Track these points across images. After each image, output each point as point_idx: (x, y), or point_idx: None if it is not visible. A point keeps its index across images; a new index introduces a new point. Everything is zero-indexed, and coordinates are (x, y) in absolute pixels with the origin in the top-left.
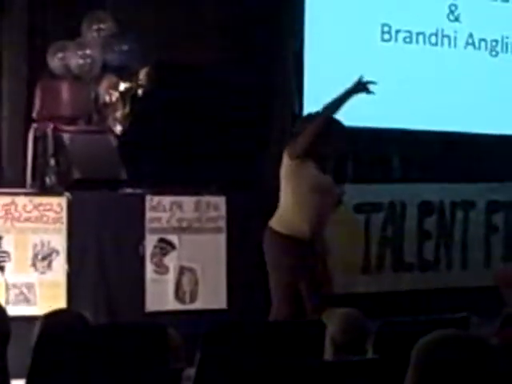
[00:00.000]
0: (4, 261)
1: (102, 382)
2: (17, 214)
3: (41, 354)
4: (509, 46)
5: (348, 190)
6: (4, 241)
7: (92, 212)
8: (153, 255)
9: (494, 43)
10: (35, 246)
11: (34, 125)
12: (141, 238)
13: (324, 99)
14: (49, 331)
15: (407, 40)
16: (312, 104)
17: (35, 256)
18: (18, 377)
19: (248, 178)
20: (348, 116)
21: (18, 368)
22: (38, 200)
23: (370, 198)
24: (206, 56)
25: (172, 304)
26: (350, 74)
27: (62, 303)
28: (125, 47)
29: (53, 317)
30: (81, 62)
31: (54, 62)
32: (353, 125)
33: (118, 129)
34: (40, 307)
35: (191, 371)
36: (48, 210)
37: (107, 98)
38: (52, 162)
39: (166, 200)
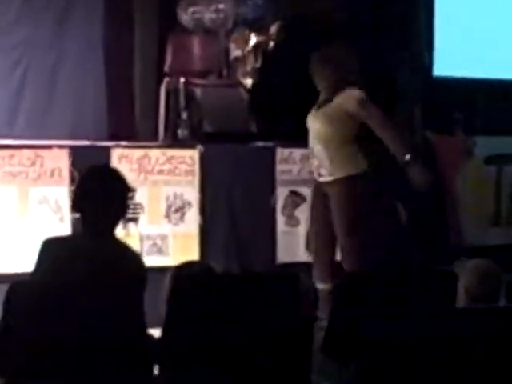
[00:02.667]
0: (138, 213)
1: (233, 331)
2: (150, 167)
3: (174, 305)
4: None
5: (479, 142)
6: (138, 193)
7: (223, 165)
8: (284, 207)
9: None
10: (168, 198)
11: (166, 79)
12: (271, 191)
13: (453, 52)
14: (180, 282)
15: None
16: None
17: (168, 208)
18: (150, 326)
19: None
20: (481, 67)
21: (151, 317)
22: (170, 153)
23: (501, 149)
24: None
25: (303, 256)
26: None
27: (194, 255)
28: (258, 1)
29: (184, 268)
30: (213, 16)
31: (186, 16)
32: (484, 76)
33: (249, 82)
34: (173, 258)
35: (324, 322)
36: (180, 163)
37: (238, 52)
38: (184, 115)
39: (297, 153)
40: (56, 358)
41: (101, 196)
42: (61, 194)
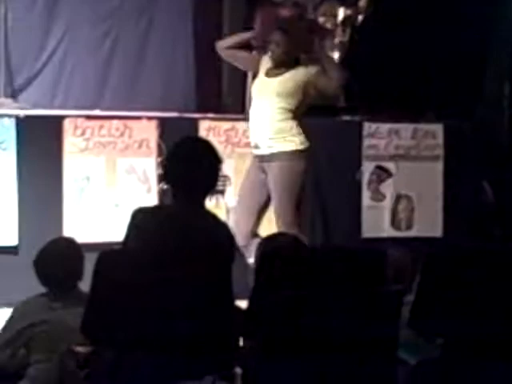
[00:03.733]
0: (225, 185)
1: (319, 303)
2: (237, 140)
3: (262, 276)
4: None
5: None
6: (224, 165)
7: (310, 138)
8: (369, 182)
9: None
10: None
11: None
12: (358, 165)
13: None
14: (268, 254)
15: None
16: None
17: None
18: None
19: (465, 106)
20: None
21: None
22: None
23: None
24: None
25: (388, 231)
26: None
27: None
28: None
29: (271, 240)
30: None
31: None
32: None
33: (336, 56)
34: (262, 230)
35: (411, 297)
36: None
37: (327, 25)
38: None
39: (384, 127)
40: (144, 327)
41: (193, 167)
42: (148, 165)
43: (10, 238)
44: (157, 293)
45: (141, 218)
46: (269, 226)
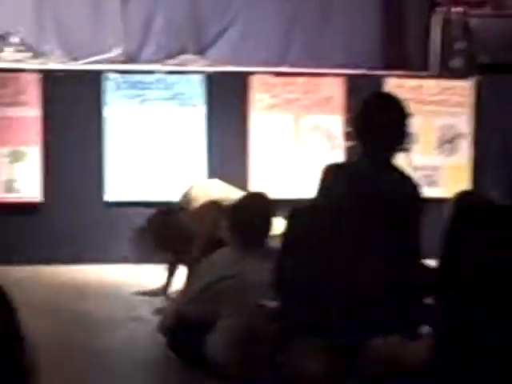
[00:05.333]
0: (411, 143)
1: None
2: (423, 97)
3: (454, 237)
4: None
5: None
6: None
7: (499, 96)
8: None
9: None
10: (440, 129)
11: (438, 9)
12: None
13: None
14: (459, 212)
15: None
16: None
17: (440, 139)
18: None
19: None
20: None
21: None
22: (443, 84)
23: None
24: None
25: None
26: None
27: (466, 186)
28: None
29: (461, 199)
30: None
31: None
32: None
33: None
34: (445, 189)
35: None
36: (453, 94)
37: None
38: (457, 45)
39: None
40: (334, 282)
41: (382, 122)
42: (333, 122)
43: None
44: (347, 247)
45: (331, 174)
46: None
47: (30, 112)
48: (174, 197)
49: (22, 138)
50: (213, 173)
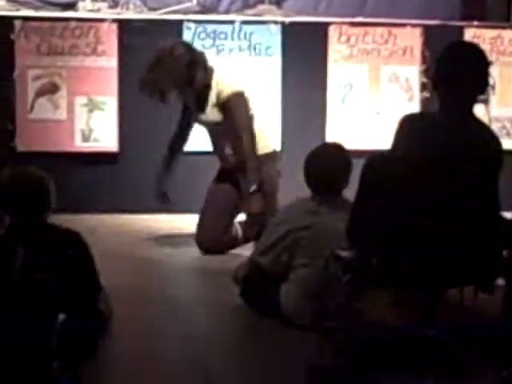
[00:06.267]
0: (489, 94)
1: None
2: (502, 48)
3: None
4: None
5: None
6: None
7: None
8: None
9: None
10: None
11: None
12: None
13: None
14: None
15: None
16: None
17: None
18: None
19: None
20: None
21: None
22: None
23: None
24: None
25: None
26: None
27: None
28: None
29: None
30: None
31: None
32: None
33: None
34: None
35: None
36: None
37: None
38: None
39: None
40: (408, 233)
41: (463, 70)
42: (411, 73)
43: (274, 143)
44: (425, 197)
45: (409, 125)
46: None
47: (108, 62)
48: None
49: (99, 87)
50: (288, 124)
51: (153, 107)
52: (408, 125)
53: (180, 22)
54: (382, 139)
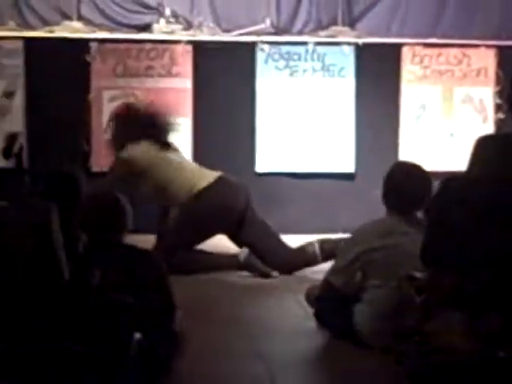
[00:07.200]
0: None
1: None
2: None
3: None
4: None
5: None
6: None
7: None
8: None
9: None
10: None
11: None
12: None
13: None
14: None
15: None
16: None
17: None
18: None
19: None
20: None
21: None
22: None
23: None
24: None
25: None
26: None
27: None
28: None
29: None
30: None
31: None
32: None
33: None
34: None
35: None
36: None
37: None
38: None
39: None
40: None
41: None
42: (485, 94)
43: (348, 165)
44: (501, 221)
45: (485, 146)
46: None
47: (183, 83)
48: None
49: (174, 108)
50: (361, 144)
51: (227, 129)
52: (484, 146)
53: (253, 44)
54: (456, 161)
